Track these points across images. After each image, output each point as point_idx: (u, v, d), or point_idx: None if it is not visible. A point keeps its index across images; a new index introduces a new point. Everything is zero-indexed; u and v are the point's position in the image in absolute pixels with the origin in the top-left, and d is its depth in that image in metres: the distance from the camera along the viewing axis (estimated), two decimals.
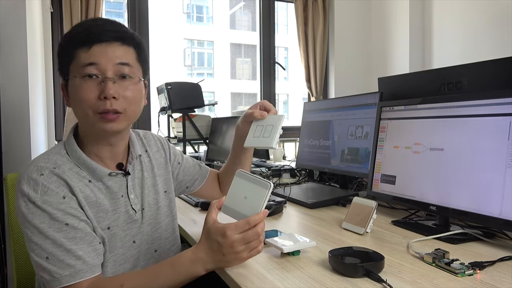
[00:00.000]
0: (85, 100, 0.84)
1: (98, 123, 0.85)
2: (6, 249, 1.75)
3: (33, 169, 0.84)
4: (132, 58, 0.89)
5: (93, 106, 0.84)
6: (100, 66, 0.84)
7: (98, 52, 0.84)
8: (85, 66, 0.84)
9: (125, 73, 0.87)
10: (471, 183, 0.96)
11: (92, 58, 0.84)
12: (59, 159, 0.88)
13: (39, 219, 0.81)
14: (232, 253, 0.79)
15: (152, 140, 1.10)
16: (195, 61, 15.67)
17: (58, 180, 0.85)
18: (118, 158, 0.96)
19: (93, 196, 0.89)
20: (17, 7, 2.00)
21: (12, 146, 1.96)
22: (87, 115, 0.85)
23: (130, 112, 0.89)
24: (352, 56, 3.63)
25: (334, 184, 1.74)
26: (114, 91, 0.84)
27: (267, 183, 0.79)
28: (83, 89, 0.84)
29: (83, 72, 0.84)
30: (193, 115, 2.57)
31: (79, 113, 0.87)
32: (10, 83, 1.97)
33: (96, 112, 0.84)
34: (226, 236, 0.78)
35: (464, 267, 0.78)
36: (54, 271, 0.80)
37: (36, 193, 0.82)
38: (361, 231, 1.05)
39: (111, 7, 11.00)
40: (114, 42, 0.86)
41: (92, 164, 0.89)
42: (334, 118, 1.68)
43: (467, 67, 1.26)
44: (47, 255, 0.80)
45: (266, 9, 3.54)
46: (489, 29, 2.81)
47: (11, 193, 1.25)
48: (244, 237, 0.78)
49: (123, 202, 0.94)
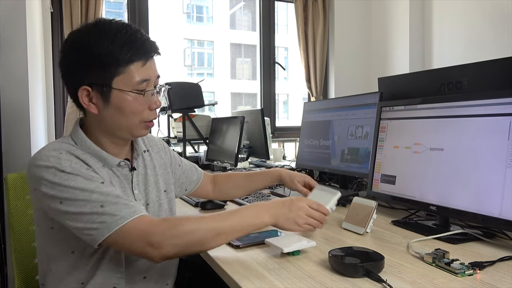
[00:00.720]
0: (138, 112, 0.90)
1: (141, 130, 0.93)
2: (6, 248, 1.75)
3: (47, 154, 0.84)
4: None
5: (143, 116, 0.91)
6: (150, 82, 0.91)
7: (149, 68, 0.90)
8: (141, 83, 0.89)
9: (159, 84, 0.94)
10: (471, 183, 0.96)
11: (146, 75, 0.89)
12: (69, 147, 0.89)
13: (76, 181, 0.81)
14: (295, 211, 0.91)
15: (153, 141, 1.12)
16: (195, 61, 15.66)
17: (76, 159, 0.86)
18: (123, 155, 0.98)
19: (108, 178, 0.90)
20: (17, 7, 2.00)
21: (12, 146, 1.96)
22: (134, 124, 0.91)
23: None
24: (352, 56, 3.63)
25: (334, 184, 1.73)
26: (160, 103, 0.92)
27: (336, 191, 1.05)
28: (139, 103, 0.89)
29: (138, 87, 0.88)
30: (193, 115, 2.57)
31: (122, 123, 0.90)
32: (10, 83, 1.97)
33: (143, 121, 0.92)
34: (303, 200, 0.94)
35: (464, 267, 0.78)
36: (113, 210, 0.80)
37: (65, 162, 0.83)
38: (361, 231, 1.05)
39: (111, 7, 10.98)
40: (154, 55, 0.92)
41: (103, 153, 0.91)
42: (334, 118, 1.68)
43: (467, 67, 1.26)
44: (101, 203, 0.80)
45: (266, 9, 3.54)
46: (489, 29, 2.81)
47: (11, 193, 1.25)
48: (312, 212, 0.93)
49: (128, 195, 0.95)
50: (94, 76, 0.87)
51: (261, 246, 0.97)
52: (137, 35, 0.89)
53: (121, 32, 0.87)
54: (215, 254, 0.92)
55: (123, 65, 0.86)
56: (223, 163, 2.07)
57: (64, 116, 2.71)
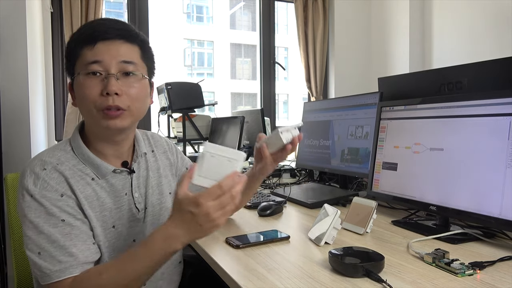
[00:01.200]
0: (88, 97, 0.84)
1: (102, 120, 0.85)
2: (6, 248, 1.75)
3: (36, 163, 0.85)
4: (137, 56, 0.89)
5: (96, 103, 0.84)
6: (104, 64, 0.84)
7: (102, 49, 0.85)
8: (89, 64, 0.84)
9: (128, 70, 0.87)
10: (471, 183, 0.96)
11: (96, 56, 0.84)
12: (63, 156, 0.89)
13: (35, 213, 0.81)
14: (208, 221, 0.75)
15: (159, 142, 1.10)
16: (195, 61, 15.67)
17: (59, 177, 0.85)
18: (123, 157, 0.96)
19: (95, 195, 0.88)
20: (17, 7, 2.01)
21: (12, 146, 1.96)
22: (91, 112, 0.85)
23: (134, 109, 0.88)
24: (352, 56, 3.63)
25: (334, 184, 1.74)
26: (116, 88, 0.84)
27: (240, 153, 0.79)
28: (87, 86, 0.84)
29: (87, 69, 0.84)
30: (193, 115, 2.57)
31: (83, 111, 0.87)
32: (10, 83, 1.97)
33: (100, 109, 0.84)
34: (200, 205, 0.74)
35: (464, 267, 0.78)
36: (44, 266, 0.79)
37: (36, 187, 0.82)
38: (361, 231, 1.05)
39: (111, 7, 10.99)
40: (118, 40, 0.86)
41: (96, 160, 0.90)
42: (334, 118, 1.68)
43: (467, 67, 1.26)
44: (40, 250, 0.80)
45: (266, 9, 3.54)
46: (489, 29, 2.81)
47: (11, 193, 1.25)
48: (220, 202, 0.75)
49: (126, 200, 0.94)
50: (68, 67, 0.89)
51: (261, 246, 0.97)
52: (104, 21, 0.88)
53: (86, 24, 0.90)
54: (215, 254, 0.92)
55: (75, 50, 0.86)
56: None
57: (64, 116, 2.71)
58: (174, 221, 0.77)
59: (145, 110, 0.93)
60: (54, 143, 2.70)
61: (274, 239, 1.00)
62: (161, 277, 1.00)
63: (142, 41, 0.92)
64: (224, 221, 0.77)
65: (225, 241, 1.00)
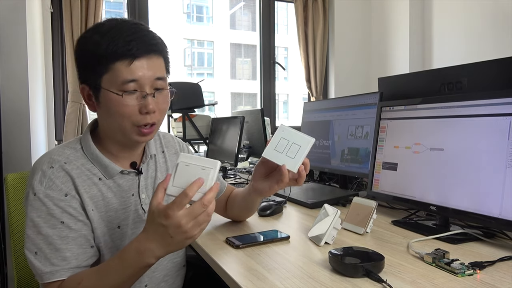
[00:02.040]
0: (125, 114, 0.83)
1: (135, 135, 0.86)
2: (6, 249, 1.75)
3: (45, 161, 0.86)
4: (163, 70, 0.88)
5: (133, 120, 0.84)
6: (140, 82, 0.83)
7: (139, 67, 0.82)
8: (127, 83, 0.82)
9: (160, 87, 0.86)
10: (471, 183, 0.96)
11: (133, 74, 0.82)
12: (73, 154, 0.89)
13: (37, 212, 0.82)
14: (181, 233, 0.73)
15: (171, 142, 1.09)
16: (195, 61, 15.66)
17: (65, 176, 0.85)
18: (132, 157, 0.96)
19: (100, 195, 0.89)
20: (17, 7, 2.00)
21: (12, 146, 1.96)
22: (125, 127, 0.85)
23: (161, 121, 0.90)
24: (352, 56, 3.63)
25: (334, 184, 1.74)
26: (153, 106, 0.84)
27: (214, 161, 0.77)
28: (124, 104, 0.83)
29: (123, 88, 0.82)
30: (193, 115, 2.57)
31: (114, 124, 0.86)
32: (10, 83, 1.97)
33: (135, 125, 0.85)
34: (170, 217, 0.71)
35: (464, 267, 0.78)
36: (38, 266, 0.80)
37: (41, 185, 0.83)
38: (361, 231, 1.05)
39: (111, 7, 10.99)
40: (153, 55, 0.85)
41: (105, 160, 0.90)
42: (334, 118, 1.68)
43: (467, 67, 1.26)
44: (37, 250, 0.81)
45: (266, 9, 3.54)
46: (489, 29, 2.81)
47: (11, 193, 1.25)
48: (190, 212, 0.72)
49: (133, 201, 0.94)
50: (86, 74, 0.86)
51: (261, 246, 0.97)
52: (132, 33, 0.83)
53: (111, 30, 0.83)
54: (215, 254, 0.92)
55: (106, 64, 0.82)
56: (223, 163, 2.07)
57: (64, 116, 2.71)
58: (147, 234, 0.76)
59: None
60: (54, 143, 2.70)
61: (274, 239, 1.00)
62: (163, 280, 1.00)
63: (167, 52, 0.90)
64: (199, 232, 0.75)
65: (225, 241, 1.00)
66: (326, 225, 0.96)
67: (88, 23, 2.67)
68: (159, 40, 0.88)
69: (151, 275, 0.96)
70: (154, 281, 0.97)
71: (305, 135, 0.93)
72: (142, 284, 0.95)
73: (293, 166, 0.92)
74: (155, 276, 0.97)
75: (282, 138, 0.93)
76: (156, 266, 0.96)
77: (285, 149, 0.93)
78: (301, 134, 0.94)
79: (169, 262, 1.01)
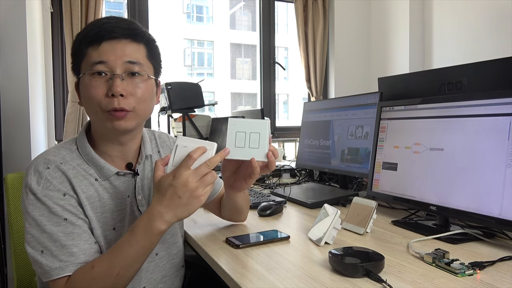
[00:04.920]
0: (93, 98, 0.84)
1: (107, 121, 0.85)
2: (6, 249, 1.75)
3: (41, 161, 0.86)
4: (142, 56, 0.88)
5: (101, 104, 0.84)
6: (109, 64, 0.84)
7: (108, 49, 0.84)
8: (94, 64, 0.83)
9: (134, 70, 0.86)
10: (471, 183, 0.96)
11: (101, 56, 0.83)
12: (68, 155, 0.89)
13: (39, 211, 0.82)
14: (187, 191, 0.76)
15: (166, 142, 1.09)
16: (195, 61, 15.66)
17: (62, 177, 0.85)
18: (128, 158, 0.95)
19: (97, 196, 0.89)
20: (17, 7, 2.00)
21: (12, 146, 1.96)
22: (96, 113, 0.85)
23: (139, 110, 0.88)
24: (352, 56, 3.63)
25: (334, 184, 1.74)
26: (121, 89, 0.83)
27: (211, 143, 0.81)
28: (92, 86, 0.84)
29: (92, 69, 0.83)
30: (193, 115, 2.57)
31: (89, 111, 0.87)
32: (10, 83, 1.97)
33: (105, 110, 0.84)
34: (177, 176, 0.76)
35: (464, 267, 0.78)
36: (45, 264, 0.80)
37: (39, 186, 0.83)
38: (361, 231, 1.05)
39: (111, 7, 11.01)
40: (124, 39, 0.85)
41: (100, 161, 0.89)
42: (334, 118, 1.68)
43: (467, 67, 1.26)
44: (42, 248, 0.81)
45: (266, 9, 3.54)
46: (489, 29, 2.81)
47: (11, 193, 1.25)
48: (197, 171, 0.78)
49: (129, 203, 0.93)
50: (74, 67, 0.89)
51: (261, 246, 0.97)
52: (110, 19, 0.86)
53: (95, 21, 0.87)
54: (215, 254, 0.92)
55: (81, 49, 0.85)
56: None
57: (64, 116, 2.71)
58: (155, 200, 0.79)
59: (151, 110, 0.93)
60: (54, 143, 2.70)
61: (274, 239, 1.00)
62: (161, 281, 0.99)
63: (148, 40, 0.90)
64: (205, 193, 0.78)
65: (225, 241, 1.00)
66: (326, 225, 0.96)
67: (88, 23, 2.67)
68: (138, 28, 0.89)
69: (149, 276, 0.96)
70: (152, 282, 0.97)
71: (257, 120, 0.90)
72: (140, 285, 0.94)
73: (262, 155, 0.89)
74: (153, 277, 0.97)
75: (237, 132, 0.89)
76: (154, 268, 0.96)
77: (246, 141, 0.89)
78: (253, 120, 0.90)
79: (168, 263, 1.01)
